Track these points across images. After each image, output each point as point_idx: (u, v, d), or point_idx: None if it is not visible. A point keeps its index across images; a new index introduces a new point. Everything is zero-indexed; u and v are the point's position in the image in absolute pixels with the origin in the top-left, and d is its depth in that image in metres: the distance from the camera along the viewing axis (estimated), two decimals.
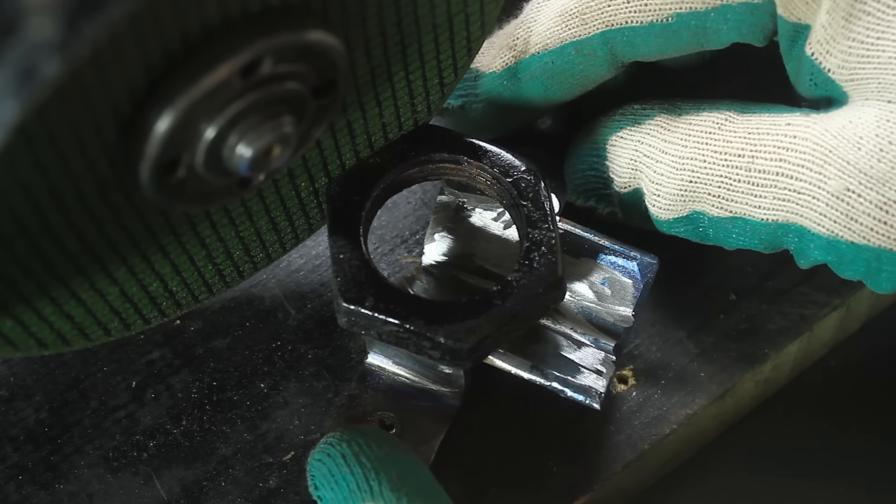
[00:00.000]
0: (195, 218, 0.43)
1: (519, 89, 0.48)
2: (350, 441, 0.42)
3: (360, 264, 0.43)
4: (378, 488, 0.40)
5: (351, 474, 0.41)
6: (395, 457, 0.42)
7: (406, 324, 0.42)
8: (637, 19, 0.45)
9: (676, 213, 0.45)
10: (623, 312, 0.47)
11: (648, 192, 0.45)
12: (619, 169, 0.47)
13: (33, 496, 0.46)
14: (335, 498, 0.41)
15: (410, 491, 0.40)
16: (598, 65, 0.47)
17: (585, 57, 0.47)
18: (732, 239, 0.45)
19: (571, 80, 0.47)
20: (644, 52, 0.46)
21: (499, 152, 0.46)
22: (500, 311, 0.42)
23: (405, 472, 0.41)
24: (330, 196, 0.45)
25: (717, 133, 0.44)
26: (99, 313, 0.43)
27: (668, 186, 0.45)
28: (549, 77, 0.47)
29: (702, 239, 0.46)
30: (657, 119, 0.46)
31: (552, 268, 0.43)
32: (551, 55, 0.47)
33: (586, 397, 0.46)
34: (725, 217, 0.44)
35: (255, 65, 0.37)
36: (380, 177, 0.46)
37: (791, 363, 0.51)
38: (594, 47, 0.46)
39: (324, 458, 0.42)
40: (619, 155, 0.46)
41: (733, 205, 0.43)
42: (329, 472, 0.41)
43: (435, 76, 0.46)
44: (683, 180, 0.44)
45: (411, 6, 0.42)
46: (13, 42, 0.30)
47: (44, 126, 0.35)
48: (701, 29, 0.44)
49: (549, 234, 0.44)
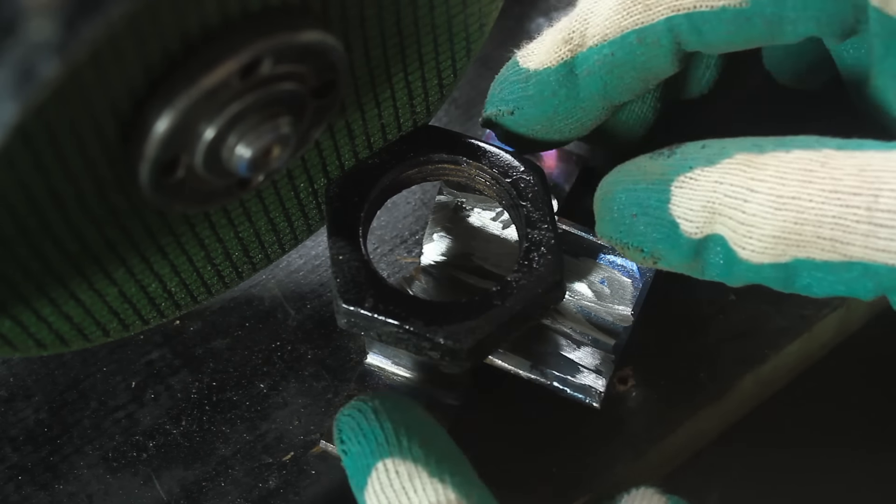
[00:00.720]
0: (194, 219, 0.43)
1: (576, 87, 0.45)
2: (382, 399, 0.42)
3: (359, 265, 0.43)
4: (407, 444, 0.40)
5: (380, 428, 0.40)
6: (425, 420, 0.42)
7: (405, 324, 0.42)
8: (708, 3, 0.42)
9: (773, 258, 0.40)
10: (622, 312, 0.47)
11: (736, 234, 0.41)
12: (690, 213, 0.41)
13: (33, 496, 0.46)
14: (362, 451, 0.41)
15: (438, 452, 0.40)
16: (662, 56, 0.43)
17: (648, 47, 0.43)
18: (839, 286, 0.40)
19: (632, 73, 0.44)
20: (711, 42, 0.42)
21: (498, 153, 0.46)
22: (499, 311, 0.42)
23: (433, 434, 0.41)
24: (329, 197, 0.45)
25: (820, 171, 0.39)
26: (98, 314, 0.43)
27: (765, 228, 0.40)
28: (608, 71, 0.44)
29: (785, 287, 0.41)
30: (737, 157, 0.41)
31: (552, 268, 0.43)
32: (611, 46, 0.44)
33: (586, 396, 0.46)
34: (838, 262, 0.39)
35: (255, 65, 0.37)
36: (379, 178, 0.46)
37: (791, 363, 0.51)
38: (658, 35, 0.43)
39: (353, 413, 0.42)
40: (689, 197, 0.41)
41: (851, 248, 0.39)
42: (357, 426, 0.41)
43: (434, 77, 0.46)
44: (787, 221, 0.39)
45: (410, 7, 0.42)
46: (12, 43, 0.30)
47: (43, 126, 0.35)
48: (776, 17, 0.41)
49: (549, 235, 0.44)
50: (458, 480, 0.39)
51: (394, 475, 0.39)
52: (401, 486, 0.39)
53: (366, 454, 0.40)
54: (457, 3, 0.43)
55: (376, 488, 0.40)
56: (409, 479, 0.39)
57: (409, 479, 0.39)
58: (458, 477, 0.40)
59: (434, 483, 0.39)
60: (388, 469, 0.40)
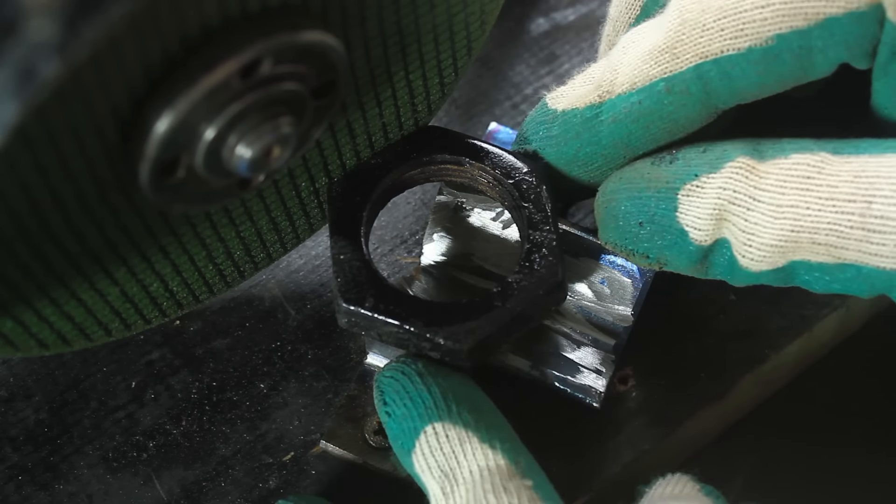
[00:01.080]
0: (195, 218, 0.43)
1: (598, 133, 0.44)
2: (425, 363, 0.42)
3: (360, 265, 0.43)
4: (456, 409, 0.40)
5: (428, 392, 0.41)
6: (469, 386, 0.42)
7: (406, 324, 0.42)
8: (734, 46, 0.41)
9: (771, 264, 0.41)
10: (622, 312, 0.47)
11: (738, 242, 0.41)
12: (698, 221, 0.42)
13: (33, 496, 0.46)
14: (409, 414, 0.41)
15: (485, 419, 0.41)
16: (690, 106, 0.42)
17: (677, 96, 0.42)
18: (835, 285, 0.41)
19: (659, 124, 0.43)
20: (742, 87, 0.42)
21: (500, 154, 0.46)
22: (500, 312, 0.42)
23: (479, 402, 0.42)
24: (331, 197, 0.45)
25: (817, 178, 0.40)
26: (99, 313, 0.43)
27: (765, 237, 0.41)
28: (634, 120, 0.43)
29: (783, 284, 0.42)
30: (738, 161, 0.41)
31: (553, 269, 0.43)
32: (639, 94, 0.43)
33: (586, 396, 0.46)
34: (832, 264, 0.40)
35: (255, 65, 0.37)
36: (381, 178, 0.46)
37: (791, 363, 0.51)
38: (687, 84, 0.42)
39: (397, 374, 0.42)
40: (696, 205, 0.42)
41: (845, 252, 0.40)
42: (403, 388, 0.41)
43: (435, 76, 0.46)
44: (784, 230, 0.40)
45: (411, 7, 0.42)
46: (13, 43, 0.30)
47: (43, 127, 0.35)
48: (805, 50, 0.41)
49: (550, 236, 0.44)
50: (508, 447, 0.40)
51: (444, 439, 0.40)
52: (451, 449, 0.40)
53: (413, 417, 0.41)
54: (457, 1, 0.43)
55: (425, 451, 0.40)
56: (459, 443, 0.40)
57: (460, 444, 0.40)
58: (507, 443, 0.40)
59: (484, 448, 0.40)
60: (438, 433, 0.40)
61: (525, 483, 0.39)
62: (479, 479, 0.39)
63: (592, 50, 0.55)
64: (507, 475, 0.39)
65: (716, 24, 0.41)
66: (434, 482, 0.40)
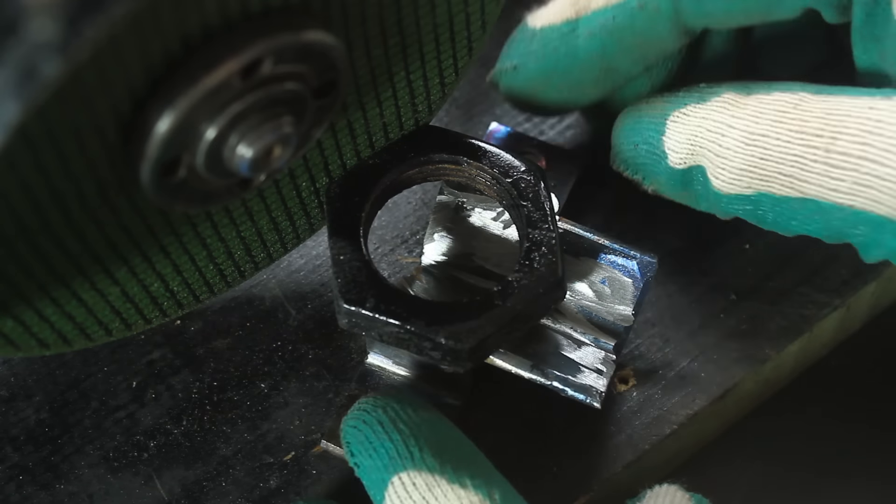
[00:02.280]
0: (196, 218, 0.43)
1: (576, 46, 0.46)
2: (385, 406, 0.42)
3: (360, 265, 0.43)
4: (420, 455, 0.40)
5: (390, 441, 0.41)
6: (433, 421, 0.42)
7: (406, 325, 0.42)
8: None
9: (740, 189, 0.43)
10: (623, 311, 0.47)
11: (712, 165, 0.43)
12: (677, 145, 0.45)
13: (34, 496, 0.46)
14: (374, 465, 0.41)
15: (452, 456, 0.40)
16: (661, 23, 0.45)
17: (648, 13, 0.45)
18: (795, 223, 0.43)
19: (631, 38, 0.45)
20: (710, 11, 0.44)
21: (498, 153, 0.46)
22: (500, 311, 0.42)
23: (444, 436, 0.41)
24: (329, 197, 0.45)
25: (792, 112, 0.42)
26: (100, 313, 0.43)
27: (735, 161, 0.43)
28: (608, 34, 0.46)
29: (759, 222, 0.44)
30: (725, 96, 0.44)
31: (552, 268, 0.43)
32: (613, 10, 0.45)
33: (587, 396, 0.46)
34: (795, 198, 0.42)
35: (256, 65, 0.37)
36: (380, 178, 0.46)
37: (791, 363, 0.51)
38: (658, 2, 0.44)
39: (359, 424, 0.42)
40: (679, 131, 0.45)
41: (806, 186, 0.41)
42: (366, 440, 0.41)
43: (436, 76, 0.46)
44: (754, 156, 0.42)
45: (412, 6, 0.42)
46: (14, 42, 0.30)
47: (44, 126, 0.35)
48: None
49: (550, 235, 0.44)
50: (479, 482, 0.40)
51: (411, 488, 0.39)
52: (421, 497, 0.39)
53: (379, 468, 0.40)
54: (458, 1, 0.43)
55: (395, 502, 0.40)
56: (428, 489, 0.39)
57: (429, 489, 0.39)
58: (478, 478, 0.40)
59: (455, 488, 0.39)
60: (405, 482, 0.40)
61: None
62: None
63: None
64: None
65: None
66: None
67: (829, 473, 0.53)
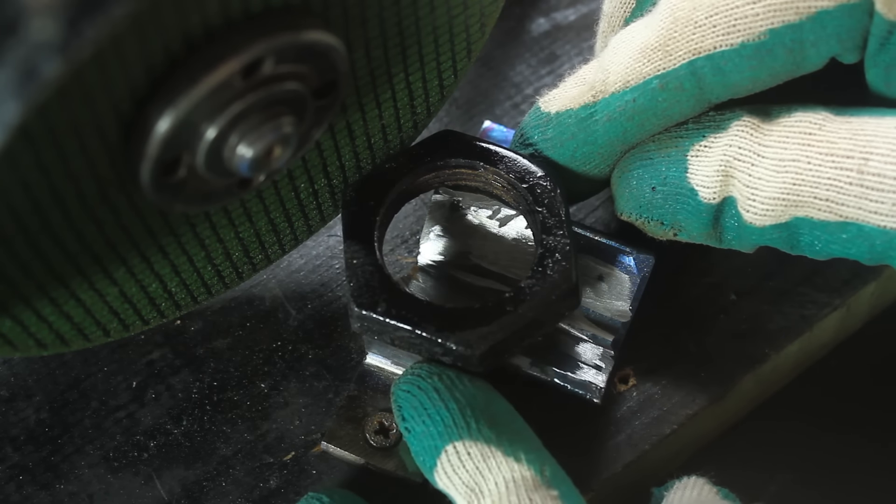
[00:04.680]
0: (194, 219, 0.43)
1: (594, 132, 0.45)
2: (441, 374, 0.42)
3: (373, 269, 0.43)
4: (476, 426, 0.40)
5: (446, 409, 0.41)
6: (487, 393, 0.42)
7: (418, 329, 0.42)
8: (726, 42, 0.41)
9: (775, 218, 0.42)
10: (621, 307, 0.47)
11: (742, 197, 0.42)
12: (706, 179, 0.43)
13: (34, 496, 0.46)
14: (428, 432, 0.41)
15: (506, 429, 0.41)
16: (685, 101, 0.43)
17: (671, 92, 0.43)
18: (835, 247, 0.42)
19: (653, 120, 0.44)
20: (736, 82, 0.42)
21: (515, 158, 0.46)
22: (512, 317, 0.42)
23: (498, 410, 0.42)
24: (345, 201, 0.45)
25: (817, 133, 0.41)
26: (98, 314, 0.43)
27: (767, 190, 0.41)
28: (629, 118, 0.44)
29: (791, 247, 0.43)
30: (744, 120, 0.42)
31: (566, 275, 0.43)
32: (633, 92, 0.43)
33: (586, 392, 0.46)
34: (834, 222, 0.41)
35: (257, 65, 0.37)
36: (395, 182, 0.46)
37: (791, 363, 0.51)
38: (681, 80, 0.42)
39: (413, 389, 0.42)
40: (705, 164, 0.43)
41: (845, 209, 0.41)
42: (421, 405, 0.41)
43: (434, 78, 0.46)
44: (786, 182, 0.41)
45: (411, 8, 0.42)
46: (14, 42, 0.30)
47: (45, 126, 0.35)
48: (797, 44, 0.41)
49: (564, 241, 0.44)
50: (533, 457, 0.40)
51: (466, 457, 0.40)
52: (474, 466, 0.40)
53: (433, 436, 0.41)
54: (458, 3, 0.43)
55: (448, 470, 0.40)
56: (482, 458, 0.40)
57: (483, 459, 0.40)
58: (532, 453, 0.40)
59: (509, 461, 0.40)
60: (460, 451, 0.40)
61: (551, 493, 0.39)
62: (504, 491, 0.39)
63: (593, 50, 0.55)
64: (533, 486, 0.39)
65: (708, 21, 0.42)
66: (460, 497, 0.40)
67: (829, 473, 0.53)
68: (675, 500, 0.41)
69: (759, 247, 0.44)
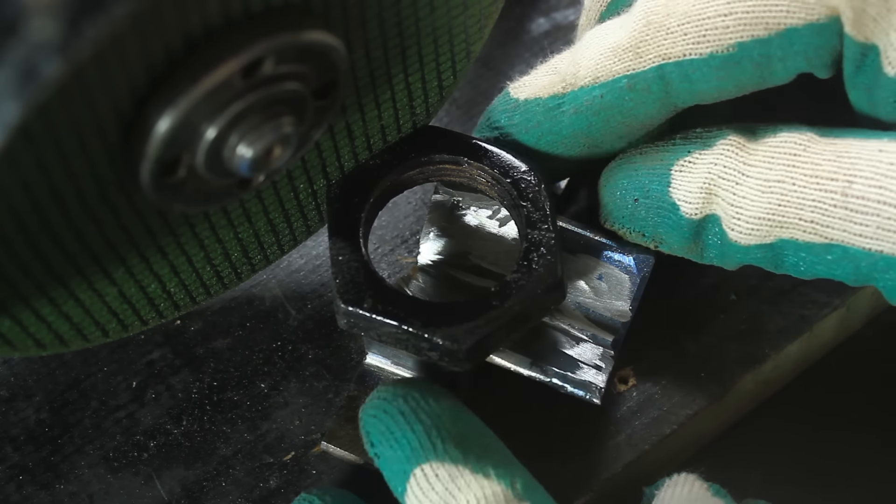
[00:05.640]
0: (194, 219, 0.43)
1: (559, 123, 0.45)
2: (405, 396, 0.42)
3: (358, 266, 0.44)
4: (442, 446, 0.40)
5: (412, 432, 0.41)
6: (454, 411, 0.42)
7: (404, 325, 0.42)
8: (696, 51, 0.42)
9: (759, 239, 0.42)
10: (620, 307, 0.47)
11: (727, 216, 0.43)
12: (689, 195, 0.43)
13: (34, 496, 0.46)
14: (396, 456, 0.41)
15: (474, 446, 0.41)
16: (650, 103, 0.43)
17: (638, 93, 0.43)
18: (820, 268, 0.42)
19: (618, 117, 0.44)
20: (702, 90, 0.43)
21: (499, 153, 0.46)
22: (498, 312, 0.43)
23: (465, 426, 0.41)
24: (330, 198, 0.45)
25: (802, 155, 0.41)
26: (97, 314, 0.43)
27: (752, 209, 0.42)
28: (595, 113, 0.44)
29: (775, 268, 0.43)
30: (730, 139, 0.43)
31: (551, 269, 0.43)
32: (602, 88, 0.44)
33: (586, 392, 0.46)
34: (819, 243, 0.41)
35: (257, 65, 0.37)
36: (380, 179, 0.46)
37: (791, 363, 0.51)
38: (649, 82, 0.43)
39: (379, 414, 0.42)
40: (688, 180, 0.43)
41: (830, 231, 0.41)
42: (387, 430, 0.41)
43: (434, 79, 0.46)
44: (771, 203, 0.41)
45: (411, 9, 0.42)
46: (14, 42, 0.30)
47: (45, 126, 0.35)
48: (765, 58, 0.42)
49: (549, 235, 0.44)
50: (501, 471, 0.40)
51: (434, 479, 0.40)
52: (443, 487, 0.40)
53: (401, 460, 0.40)
54: (457, 4, 0.43)
55: (418, 494, 0.40)
56: (451, 480, 0.40)
57: (452, 480, 0.40)
58: (501, 468, 0.40)
59: (478, 478, 0.40)
60: (427, 474, 0.40)
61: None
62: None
63: None
64: (504, 500, 0.39)
65: (679, 29, 0.42)
66: None
67: (829, 473, 0.53)
68: (667, 497, 0.41)
69: (739, 267, 0.44)
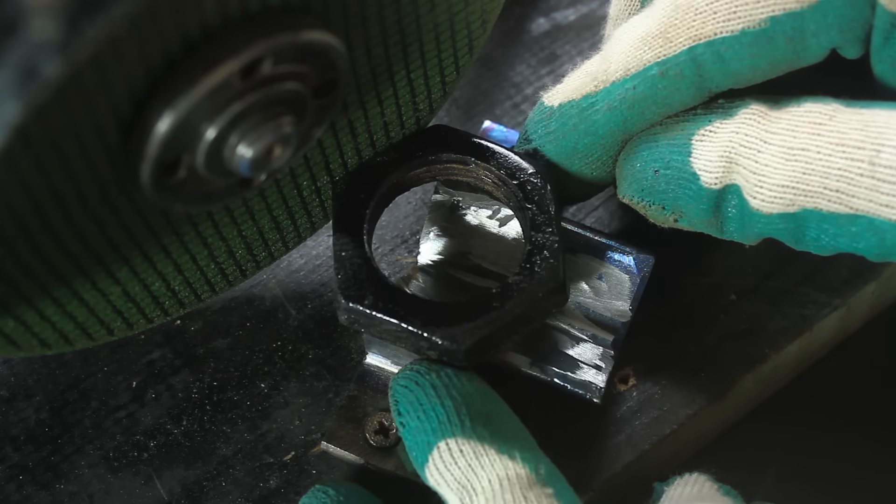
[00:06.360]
0: (197, 217, 0.43)
1: (594, 122, 0.44)
2: (439, 371, 0.42)
3: (361, 262, 0.44)
4: (470, 424, 0.40)
5: (441, 406, 0.41)
6: (484, 393, 0.42)
7: (404, 323, 0.42)
8: (727, 28, 0.41)
9: (782, 207, 0.41)
10: (620, 307, 0.47)
11: (748, 184, 0.42)
12: (709, 164, 0.43)
13: (34, 496, 0.46)
14: (422, 427, 0.41)
15: (501, 428, 0.41)
16: (684, 89, 0.43)
17: (671, 79, 0.43)
18: (843, 240, 0.41)
19: (653, 108, 0.43)
20: (736, 70, 0.42)
21: (506, 154, 0.46)
22: (498, 313, 0.42)
23: (495, 409, 0.42)
24: (335, 193, 0.45)
25: (828, 124, 0.41)
26: (102, 313, 0.43)
27: (775, 177, 0.41)
28: (629, 106, 0.43)
29: (796, 241, 0.42)
30: (753, 108, 0.42)
31: (554, 272, 0.43)
32: (633, 80, 0.43)
33: (586, 392, 0.46)
34: (843, 214, 0.40)
35: (256, 65, 0.37)
36: (386, 176, 0.46)
37: (791, 363, 0.51)
38: (681, 67, 0.42)
39: (410, 385, 0.42)
40: (709, 149, 0.43)
41: (855, 201, 0.40)
42: (417, 401, 0.41)
43: (437, 74, 0.46)
44: (795, 171, 0.40)
45: (412, 5, 0.42)
46: (14, 42, 0.30)
47: (45, 127, 0.35)
48: (798, 33, 0.41)
49: (552, 238, 0.44)
50: (528, 455, 0.40)
51: (458, 454, 0.40)
52: (466, 463, 0.40)
53: (426, 431, 0.41)
54: (458, 0, 0.43)
55: (439, 466, 0.40)
56: (475, 456, 0.40)
57: (476, 457, 0.40)
58: (527, 452, 0.40)
59: (503, 458, 0.40)
60: (452, 448, 0.40)
61: (546, 491, 0.39)
62: (498, 489, 0.39)
63: (593, 50, 0.55)
64: (528, 484, 0.39)
65: (708, 8, 0.42)
66: (452, 494, 0.40)
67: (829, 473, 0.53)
68: (676, 495, 0.41)
69: (759, 241, 0.44)
